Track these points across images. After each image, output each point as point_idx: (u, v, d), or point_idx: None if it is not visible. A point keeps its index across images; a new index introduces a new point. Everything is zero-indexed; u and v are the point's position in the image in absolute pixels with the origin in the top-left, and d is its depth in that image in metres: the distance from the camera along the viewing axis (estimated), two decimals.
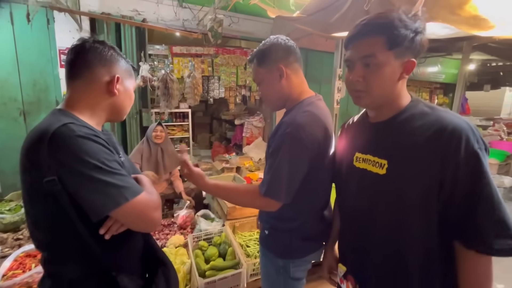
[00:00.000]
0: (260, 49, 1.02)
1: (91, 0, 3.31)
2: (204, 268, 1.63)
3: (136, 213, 0.70)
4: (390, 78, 0.72)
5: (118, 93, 0.82)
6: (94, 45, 0.79)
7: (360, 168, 0.81)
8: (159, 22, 3.73)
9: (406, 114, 0.74)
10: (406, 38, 0.68)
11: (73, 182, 0.65)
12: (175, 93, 3.00)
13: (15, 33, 3.03)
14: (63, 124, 0.66)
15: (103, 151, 0.69)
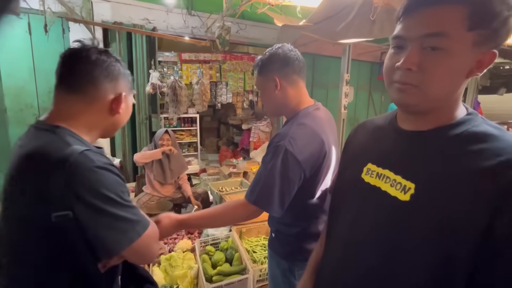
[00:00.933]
0: (261, 59, 1.05)
1: (104, 9, 3.44)
2: (211, 273, 1.65)
3: (145, 248, 0.67)
4: (459, 74, 0.49)
5: (122, 111, 0.75)
6: (101, 57, 0.70)
7: (370, 185, 0.60)
8: (168, 30, 3.83)
9: (461, 129, 0.51)
10: (498, 16, 0.45)
11: (88, 217, 0.60)
12: (183, 99, 3.06)
13: (32, 43, 3.18)
14: (80, 152, 0.60)
15: (119, 183, 0.65)
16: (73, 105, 0.69)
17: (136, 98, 3.30)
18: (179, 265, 1.72)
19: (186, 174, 2.89)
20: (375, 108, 5.91)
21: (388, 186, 0.56)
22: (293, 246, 1.06)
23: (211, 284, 1.54)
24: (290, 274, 1.07)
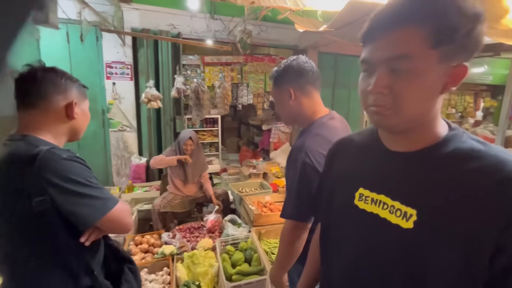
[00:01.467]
0: (276, 70, 1.09)
1: (133, 17, 3.64)
2: (231, 272, 1.72)
3: (117, 220, 0.82)
4: (431, 92, 0.49)
5: (77, 116, 0.88)
6: (47, 75, 0.82)
7: (366, 212, 0.58)
8: (192, 34, 3.96)
9: (450, 148, 0.51)
10: (459, 30, 0.45)
11: (63, 199, 0.74)
12: (205, 103, 3.17)
13: (70, 50, 3.45)
14: (47, 149, 0.74)
15: (85, 170, 0.80)
16: (34, 117, 0.82)
17: (162, 101, 3.46)
18: (200, 262, 1.80)
19: (208, 173, 3.00)
20: None
21: (387, 213, 0.54)
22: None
23: (230, 283, 1.61)
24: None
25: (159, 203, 2.55)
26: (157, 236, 2.17)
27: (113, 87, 3.67)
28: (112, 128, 3.75)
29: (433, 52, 0.46)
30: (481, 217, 0.45)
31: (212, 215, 2.36)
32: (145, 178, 3.83)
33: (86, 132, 3.38)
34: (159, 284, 1.66)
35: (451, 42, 0.46)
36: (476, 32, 0.46)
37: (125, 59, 3.68)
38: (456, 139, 0.52)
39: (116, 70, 3.66)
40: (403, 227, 0.51)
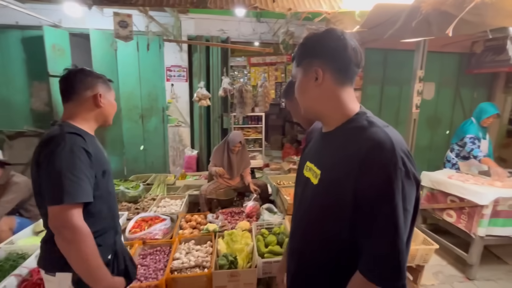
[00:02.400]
0: (285, 88, 1.33)
1: (189, 25, 4.11)
2: (264, 251, 1.93)
3: (55, 217, 0.92)
4: (305, 88, 0.77)
5: (104, 105, 1.10)
6: (77, 75, 1.05)
7: (305, 177, 0.82)
8: (240, 37, 4.28)
9: (347, 127, 0.73)
10: (306, 51, 0.76)
11: (43, 179, 0.95)
12: (248, 101, 3.45)
13: (139, 57, 4.09)
14: (64, 132, 0.96)
15: (72, 161, 0.93)
16: (70, 108, 1.07)
17: (211, 100, 3.85)
18: (238, 240, 2.06)
19: (251, 167, 3.27)
20: (463, 106, 5.08)
21: (312, 176, 0.78)
22: None
23: (262, 259, 1.82)
24: None
25: (206, 189, 2.90)
26: (203, 216, 2.51)
27: (172, 88, 4.22)
28: (170, 123, 4.32)
29: (299, 68, 0.78)
30: (349, 171, 0.65)
31: (251, 202, 2.61)
32: (196, 168, 4.30)
33: (150, 126, 4.00)
34: (203, 253, 1.96)
35: (302, 59, 0.77)
36: (320, 47, 0.73)
37: (181, 63, 4.19)
38: (355, 120, 0.72)
39: (174, 73, 4.19)
40: (314, 184, 0.76)
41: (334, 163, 0.70)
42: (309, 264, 0.79)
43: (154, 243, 2.08)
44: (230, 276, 1.76)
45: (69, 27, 3.82)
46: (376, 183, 0.61)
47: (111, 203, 1.15)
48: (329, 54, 0.71)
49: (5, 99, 3.82)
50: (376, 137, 0.63)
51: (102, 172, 1.06)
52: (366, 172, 0.62)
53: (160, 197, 2.96)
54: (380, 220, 0.61)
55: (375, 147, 0.62)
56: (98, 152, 1.06)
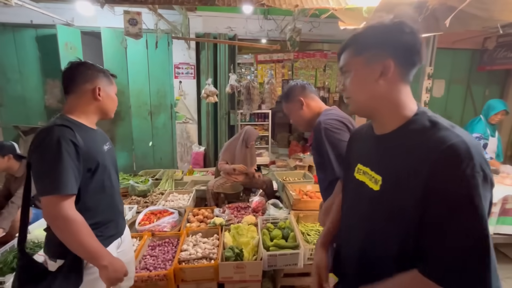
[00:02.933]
0: (284, 92, 1.42)
1: (197, 23, 4.16)
2: (269, 244, 1.96)
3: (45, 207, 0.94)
4: (364, 82, 0.70)
5: (102, 99, 1.10)
6: (78, 68, 1.07)
7: (359, 181, 0.79)
8: (247, 35, 4.29)
9: (408, 129, 0.67)
10: (374, 40, 0.68)
11: (32, 170, 1.01)
12: (255, 98, 3.47)
13: (148, 55, 4.16)
14: (52, 126, 0.97)
15: (54, 156, 0.93)
16: (70, 101, 1.09)
17: (218, 97, 3.89)
18: (244, 234, 2.10)
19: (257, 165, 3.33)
20: (474, 103, 4.97)
21: (368, 180, 0.75)
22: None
23: (267, 252, 1.86)
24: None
25: (213, 184, 2.95)
26: (210, 211, 2.57)
27: (180, 85, 4.28)
28: (178, 120, 4.39)
29: (359, 58, 0.71)
30: (416, 176, 0.61)
31: (257, 197, 2.64)
32: (203, 164, 4.36)
33: (158, 123, 4.10)
34: (210, 245, 2.01)
35: (369, 49, 0.69)
36: (392, 38, 0.66)
37: (189, 60, 4.24)
38: (416, 121, 0.67)
39: (182, 70, 4.25)
40: (374, 190, 0.72)
41: (399, 170, 0.65)
42: (372, 265, 0.74)
43: (163, 235, 2.15)
44: (236, 267, 1.80)
45: (81, 25, 3.92)
46: (453, 190, 0.56)
47: (109, 197, 1.15)
48: (402, 48, 0.66)
49: (21, 96, 3.96)
50: (447, 140, 0.58)
51: (95, 166, 1.06)
52: (440, 179, 0.57)
53: (168, 191, 3.04)
54: (461, 227, 0.56)
55: (448, 151, 0.57)
56: (91, 145, 1.06)
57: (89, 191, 1.05)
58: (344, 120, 1.24)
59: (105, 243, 1.10)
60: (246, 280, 1.84)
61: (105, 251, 1.03)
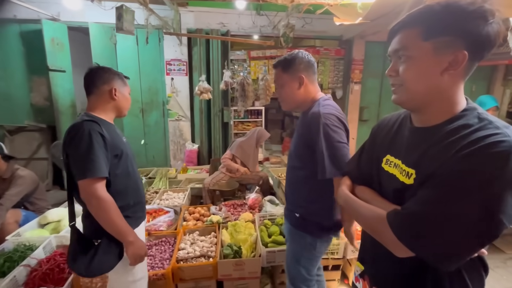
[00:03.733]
0: (285, 58, 1.23)
1: (188, 19, 4.09)
2: (267, 240, 1.97)
3: (83, 189, 1.10)
4: (427, 72, 0.62)
5: (118, 98, 1.25)
6: (97, 71, 1.23)
7: (389, 173, 0.75)
8: (239, 31, 4.26)
9: (455, 124, 0.62)
10: (448, 26, 0.58)
11: (70, 159, 1.15)
12: (250, 94, 3.45)
13: (139, 51, 4.06)
14: (81, 121, 1.12)
15: (88, 144, 1.09)
16: (91, 101, 1.24)
17: (212, 94, 3.85)
18: (242, 231, 2.09)
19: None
20: None
21: (399, 173, 0.71)
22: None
23: (266, 248, 1.86)
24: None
25: (209, 181, 2.93)
26: (206, 208, 2.55)
27: (172, 82, 4.21)
28: (170, 118, 4.32)
29: (426, 44, 0.62)
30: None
31: (253, 194, 2.64)
32: (197, 162, 4.32)
33: (150, 121, 4.02)
34: (207, 243, 2.00)
35: (442, 34, 0.60)
36: (473, 26, 0.57)
37: (181, 57, 4.17)
38: (462, 118, 0.62)
39: (174, 67, 4.18)
40: (406, 183, 0.68)
41: (432, 166, 0.61)
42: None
43: (159, 234, 2.12)
44: (235, 265, 1.80)
45: (68, 20, 3.79)
46: (472, 184, 0.55)
47: (134, 181, 1.30)
48: (480, 39, 0.58)
49: (5, 93, 3.81)
50: (490, 138, 0.54)
51: (120, 153, 1.21)
52: (463, 165, 0.56)
53: (162, 190, 2.99)
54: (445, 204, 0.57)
55: (484, 148, 0.54)
56: (114, 136, 1.21)
57: (118, 176, 1.20)
58: (341, 117, 1.18)
59: (136, 223, 1.28)
60: (245, 277, 1.84)
61: (131, 229, 1.18)
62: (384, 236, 0.66)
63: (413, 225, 0.60)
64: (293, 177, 1.34)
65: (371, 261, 0.86)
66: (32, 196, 2.44)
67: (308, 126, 1.17)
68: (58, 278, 1.67)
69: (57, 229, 2.22)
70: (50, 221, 2.27)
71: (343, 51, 4.66)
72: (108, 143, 1.15)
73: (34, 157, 3.91)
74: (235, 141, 3.20)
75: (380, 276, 0.81)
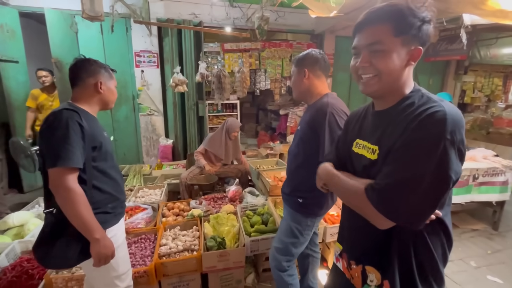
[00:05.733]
0: (298, 56, 1.42)
1: (158, 8, 3.89)
2: (250, 230, 2.00)
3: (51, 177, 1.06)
4: (398, 65, 0.72)
5: (103, 91, 1.23)
6: (83, 63, 1.21)
7: (358, 154, 0.86)
8: (212, 22, 4.16)
9: (405, 104, 0.75)
10: (413, 26, 0.69)
11: (42, 145, 1.12)
12: (227, 87, 3.42)
13: (104, 41, 3.79)
14: (60, 109, 1.09)
15: (65, 131, 1.05)
16: (76, 92, 1.21)
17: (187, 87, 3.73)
18: (224, 223, 2.09)
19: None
20: None
21: (366, 151, 0.82)
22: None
23: (250, 238, 1.89)
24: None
25: (186, 176, 2.87)
26: (186, 203, 2.50)
27: (142, 75, 4.01)
28: (141, 112, 4.12)
29: (396, 39, 0.71)
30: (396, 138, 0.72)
31: (233, 186, 2.65)
32: (171, 157, 4.19)
33: (119, 116, 3.83)
34: (190, 237, 1.97)
35: (407, 33, 0.70)
36: (425, 28, 0.70)
37: (151, 48, 3.98)
38: (411, 97, 0.75)
39: (144, 58, 3.97)
40: (372, 159, 0.79)
41: (390, 139, 0.73)
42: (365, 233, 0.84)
43: (138, 231, 2.04)
44: (220, 256, 1.80)
45: (19, 5, 3.40)
46: (417, 144, 0.67)
47: (113, 176, 1.25)
48: (428, 38, 0.72)
49: None
50: (430, 109, 0.68)
51: (99, 145, 1.17)
52: (414, 134, 0.68)
53: (137, 187, 2.87)
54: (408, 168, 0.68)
55: (426, 116, 0.67)
56: (95, 128, 1.17)
57: (96, 169, 1.16)
58: (346, 112, 1.32)
59: (115, 219, 1.24)
60: (230, 267, 1.86)
61: (99, 226, 1.11)
62: (366, 211, 0.75)
63: (388, 198, 0.70)
64: (295, 164, 1.45)
65: (347, 238, 0.95)
66: None
67: (315, 112, 1.30)
68: (26, 285, 1.54)
69: (20, 234, 2.03)
70: (10, 226, 2.07)
71: (314, 45, 4.79)
72: (87, 133, 1.11)
73: None
74: (208, 135, 3.16)
75: (355, 248, 0.90)
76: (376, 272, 0.81)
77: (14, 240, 1.93)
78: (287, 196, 1.51)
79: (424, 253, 0.76)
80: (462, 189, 2.58)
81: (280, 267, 1.50)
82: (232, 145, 3.08)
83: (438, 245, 0.78)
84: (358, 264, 0.86)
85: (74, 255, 1.11)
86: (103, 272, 1.20)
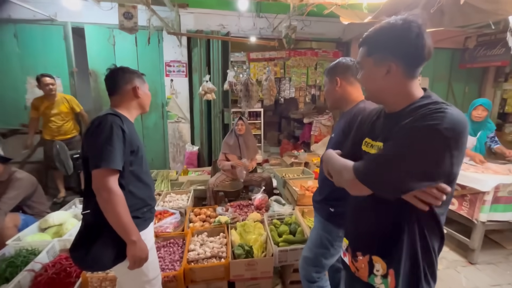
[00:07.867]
0: (329, 65, 1.40)
1: (188, 20, 4.07)
2: (278, 240, 1.95)
3: (95, 178, 1.10)
4: (371, 78, 0.84)
5: (141, 96, 1.29)
6: (118, 72, 1.26)
7: (365, 152, 0.93)
8: (239, 33, 4.27)
9: (413, 106, 0.79)
10: (379, 45, 0.80)
11: (87, 146, 1.17)
12: (254, 94, 3.45)
13: (138, 52, 4.02)
14: (104, 114, 1.15)
15: (109, 134, 1.10)
16: (115, 100, 1.27)
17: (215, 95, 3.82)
18: (251, 231, 2.07)
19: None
20: (455, 100, 5.24)
21: (372, 149, 0.89)
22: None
23: (278, 247, 1.84)
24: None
25: (214, 182, 2.90)
26: (212, 209, 2.51)
27: (171, 84, 4.17)
28: (169, 119, 4.27)
29: (369, 58, 0.84)
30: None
31: (259, 194, 2.62)
32: (197, 164, 4.27)
33: (149, 123, 3.99)
34: (217, 244, 1.97)
35: (377, 53, 0.81)
36: (399, 42, 0.77)
37: (181, 58, 4.14)
38: (419, 101, 0.79)
39: (173, 68, 4.15)
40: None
41: (392, 133, 0.80)
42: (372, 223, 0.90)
43: (167, 236, 2.07)
44: (248, 265, 1.77)
45: (64, 21, 3.71)
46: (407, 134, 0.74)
47: (146, 182, 1.28)
48: (407, 51, 0.77)
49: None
50: (434, 110, 0.71)
51: (136, 149, 1.22)
52: (412, 125, 0.73)
53: (165, 192, 2.94)
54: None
55: (429, 111, 0.71)
56: (133, 133, 1.23)
57: (132, 173, 1.20)
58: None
59: (145, 225, 1.26)
60: (257, 277, 1.82)
61: (136, 228, 1.14)
62: (344, 179, 0.84)
63: (371, 169, 0.77)
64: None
65: (353, 231, 0.99)
66: (30, 200, 2.35)
67: (351, 118, 1.26)
68: (65, 282, 1.61)
69: (59, 232, 2.14)
70: (51, 224, 2.19)
71: (340, 53, 4.73)
72: (127, 138, 1.16)
73: (28, 161, 3.78)
74: (222, 142, 3.25)
75: (360, 240, 0.95)
76: (381, 262, 0.86)
77: (53, 238, 2.04)
78: (318, 204, 1.46)
79: (425, 244, 0.81)
80: (510, 206, 2.35)
81: (309, 277, 1.45)
82: (244, 141, 3.12)
83: (434, 240, 0.83)
84: (365, 255, 0.90)
85: (108, 259, 1.14)
86: (134, 277, 1.22)
